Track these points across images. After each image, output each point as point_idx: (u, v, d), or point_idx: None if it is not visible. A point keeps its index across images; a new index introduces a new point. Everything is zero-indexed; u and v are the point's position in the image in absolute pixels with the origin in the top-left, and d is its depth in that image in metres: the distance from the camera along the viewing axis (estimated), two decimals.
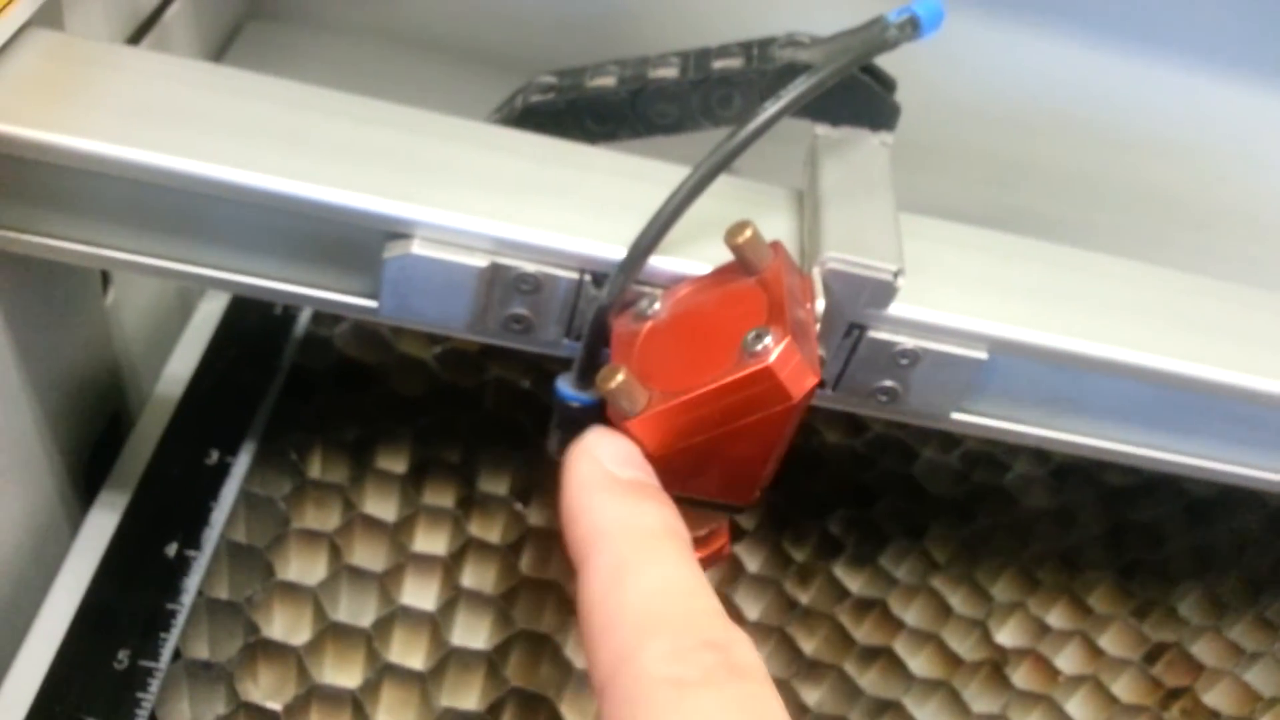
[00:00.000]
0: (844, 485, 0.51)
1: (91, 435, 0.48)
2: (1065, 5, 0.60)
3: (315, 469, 0.45)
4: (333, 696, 0.38)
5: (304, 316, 0.50)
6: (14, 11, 0.34)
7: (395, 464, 0.46)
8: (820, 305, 0.34)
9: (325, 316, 0.51)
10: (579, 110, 0.41)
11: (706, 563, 0.37)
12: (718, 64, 0.40)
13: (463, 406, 0.49)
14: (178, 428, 0.44)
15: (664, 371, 0.32)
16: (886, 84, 0.41)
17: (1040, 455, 0.55)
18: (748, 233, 0.33)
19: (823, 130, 0.40)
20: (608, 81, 0.41)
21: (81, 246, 0.35)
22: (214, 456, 0.43)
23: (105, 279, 0.47)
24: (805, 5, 0.46)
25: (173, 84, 0.36)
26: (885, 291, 0.35)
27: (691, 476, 0.34)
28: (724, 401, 0.31)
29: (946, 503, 0.52)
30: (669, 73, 0.41)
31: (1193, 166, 0.66)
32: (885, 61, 0.40)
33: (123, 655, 0.37)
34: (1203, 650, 0.50)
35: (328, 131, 0.36)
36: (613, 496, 0.31)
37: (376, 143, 0.36)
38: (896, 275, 0.35)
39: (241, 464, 0.43)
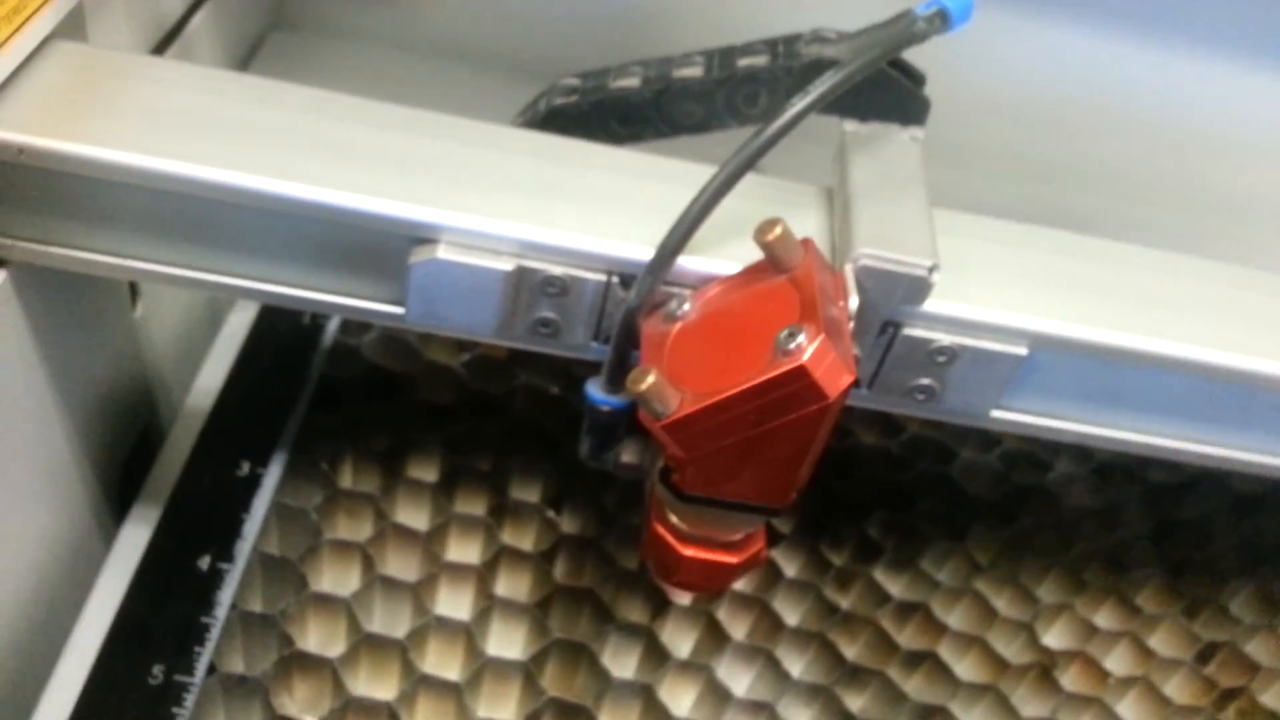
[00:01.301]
0: (881, 487, 0.50)
1: (123, 450, 0.48)
2: None
3: (346, 479, 0.45)
4: (368, 708, 0.38)
5: (332, 326, 0.50)
6: (37, 24, 0.34)
7: (426, 473, 0.46)
8: (854, 303, 0.34)
9: (353, 326, 0.51)
10: (604, 112, 0.41)
11: (743, 567, 0.36)
12: (743, 62, 0.40)
13: (492, 413, 0.49)
14: (208, 440, 0.44)
15: (695, 372, 0.32)
16: (916, 79, 0.40)
17: (1082, 454, 0.54)
18: (777, 230, 0.32)
19: (851, 126, 0.40)
20: (632, 82, 0.40)
21: (109, 258, 0.35)
22: (245, 468, 0.43)
23: (134, 292, 0.47)
24: (831, 2, 0.45)
25: (196, 93, 0.36)
26: (920, 287, 0.34)
27: (726, 479, 0.33)
28: (757, 402, 0.30)
29: (987, 504, 0.51)
30: (693, 72, 0.40)
31: (1229, 159, 0.64)
32: (914, 56, 0.39)
33: (157, 670, 0.36)
34: (1257, 649, 0.48)
35: (351, 138, 0.35)
36: None
37: (400, 148, 0.35)
38: (931, 271, 0.34)
39: (273, 475, 0.43)
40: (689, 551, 0.35)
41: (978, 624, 0.46)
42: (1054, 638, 0.47)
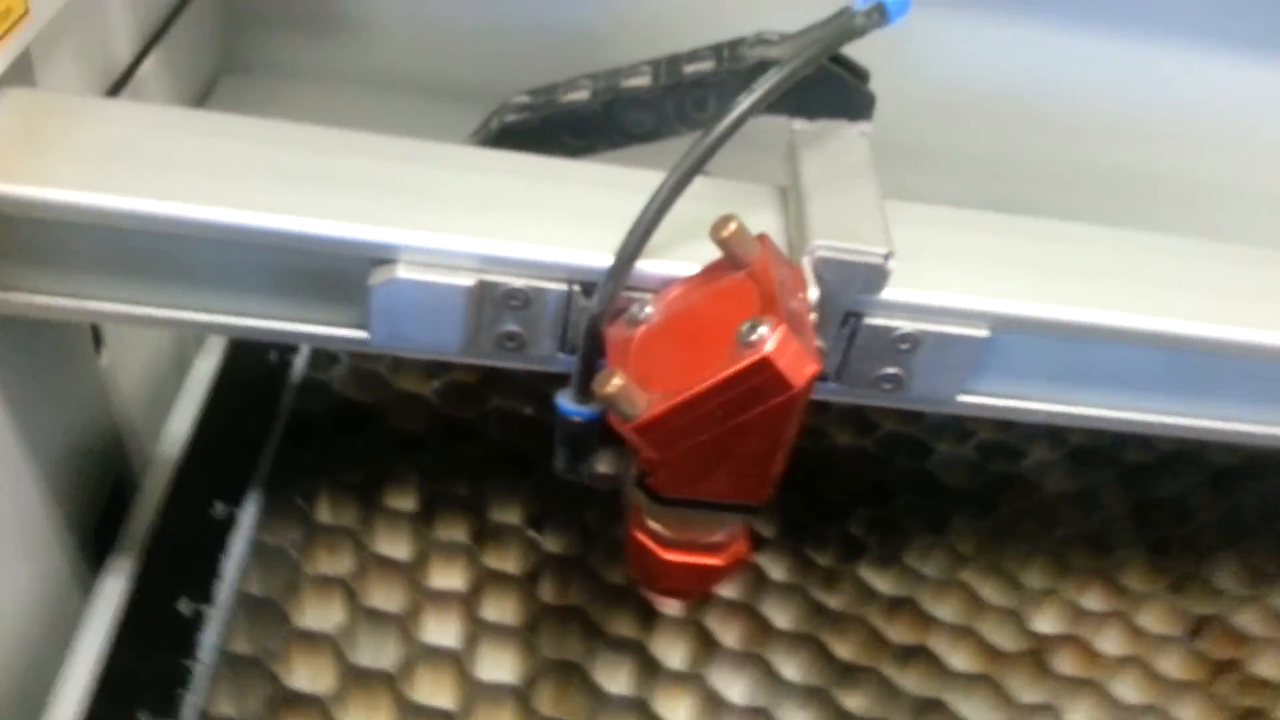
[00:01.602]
0: (860, 486, 0.50)
1: (96, 502, 0.47)
2: None
3: (324, 513, 0.44)
4: None
5: (300, 362, 0.50)
6: None
7: (404, 502, 0.45)
8: (813, 294, 0.34)
9: (321, 360, 0.50)
10: (555, 126, 0.41)
11: (727, 569, 0.36)
12: (689, 68, 0.40)
13: (467, 438, 0.49)
14: (181, 484, 0.44)
15: (662, 373, 0.32)
16: (860, 75, 0.40)
17: (1056, 439, 0.55)
18: (732, 226, 0.33)
19: (800, 125, 0.40)
20: (581, 95, 0.41)
21: (67, 301, 0.35)
22: (220, 509, 0.43)
23: (98, 340, 0.47)
24: (773, 8, 0.46)
25: (144, 129, 0.36)
26: (877, 276, 0.35)
27: (700, 478, 0.33)
28: (725, 396, 0.30)
29: (966, 495, 0.51)
30: (641, 81, 0.40)
31: (1173, 144, 0.65)
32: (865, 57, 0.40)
33: (142, 717, 0.36)
34: (1247, 621, 0.48)
35: (303, 164, 0.35)
36: None
37: (354, 172, 0.36)
38: (887, 258, 0.34)
39: (249, 514, 0.43)
40: (671, 556, 0.35)
41: (967, 614, 0.46)
42: (1044, 623, 0.47)
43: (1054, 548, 0.49)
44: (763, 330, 0.30)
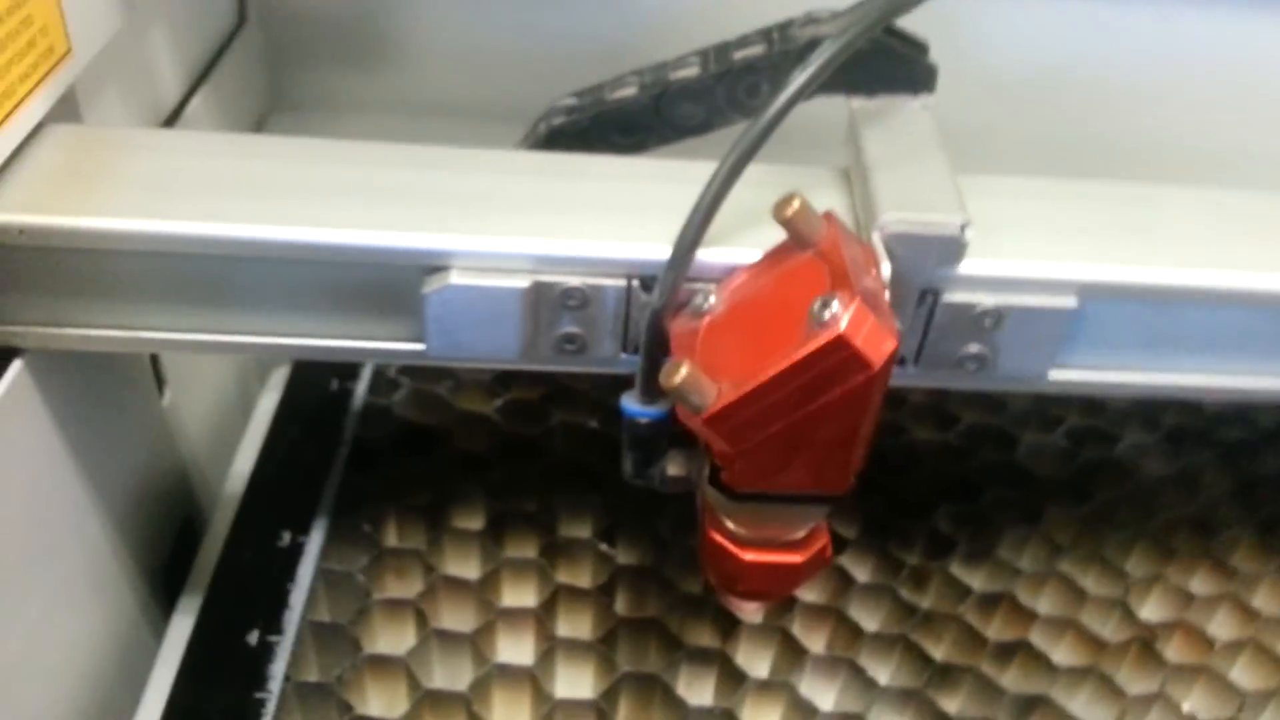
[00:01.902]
0: (945, 481, 0.48)
1: (165, 542, 0.47)
2: None
3: (391, 538, 0.44)
4: None
5: (361, 389, 0.49)
6: (28, 109, 0.34)
7: (471, 521, 0.44)
8: (886, 270, 0.32)
9: (382, 386, 0.50)
10: (604, 125, 0.40)
11: (809, 567, 0.34)
12: (738, 54, 0.39)
13: (532, 455, 0.48)
14: (246, 515, 0.43)
15: (731, 363, 0.30)
16: (918, 47, 0.39)
17: (1150, 421, 0.52)
18: (796, 204, 0.31)
19: (859, 103, 0.38)
20: (629, 91, 0.40)
21: (119, 333, 0.34)
22: (286, 539, 0.42)
23: (160, 379, 0.46)
24: None
25: (192, 156, 0.35)
26: (954, 248, 0.33)
27: (778, 469, 0.31)
28: (799, 380, 0.29)
29: (1059, 484, 0.49)
30: (690, 72, 0.39)
31: (1185, 111, 0.61)
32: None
33: None
34: None
35: (352, 179, 0.35)
36: None
37: (402, 183, 0.35)
38: (964, 228, 0.32)
39: (315, 542, 0.42)
40: (750, 556, 0.34)
41: (1068, 606, 0.44)
42: (1150, 610, 0.44)
43: (1155, 533, 0.47)
44: (835, 307, 0.28)
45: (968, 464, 0.49)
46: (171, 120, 0.48)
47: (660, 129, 0.40)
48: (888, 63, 0.38)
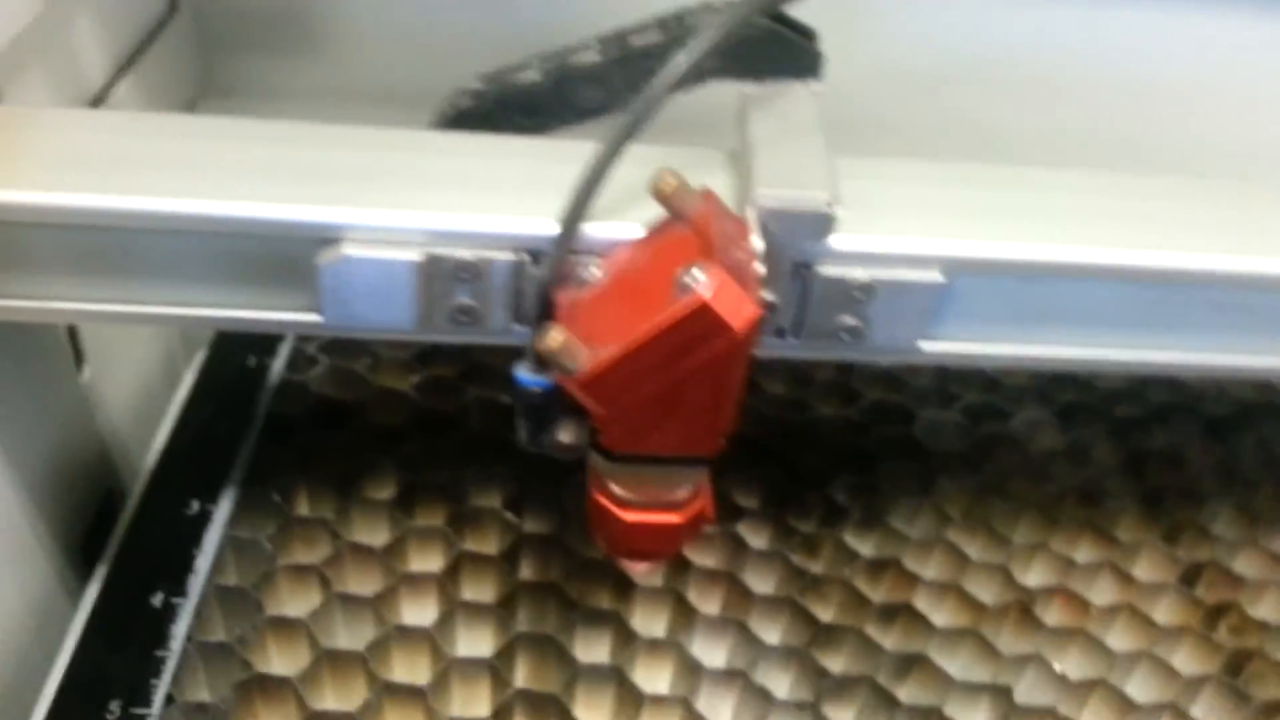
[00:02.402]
0: (844, 454, 0.50)
1: (85, 514, 0.48)
2: None
3: (303, 507, 0.45)
4: None
5: (278, 365, 0.50)
6: None
7: (382, 492, 0.46)
8: (757, 243, 0.34)
9: (301, 363, 0.51)
10: (507, 108, 0.41)
11: (690, 526, 0.36)
12: (636, 40, 0.40)
13: (446, 430, 0.49)
14: (157, 485, 0.44)
15: (607, 330, 0.32)
16: (806, 34, 0.40)
17: (1045, 397, 0.54)
18: (672, 181, 0.33)
19: (750, 89, 0.40)
20: (531, 75, 0.41)
21: (25, 303, 0.35)
22: (195, 507, 0.43)
23: (79, 356, 0.47)
24: None
25: (101, 134, 0.36)
26: (823, 222, 0.34)
27: (650, 431, 0.33)
28: (666, 345, 0.30)
29: (953, 457, 0.51)
30: (589, 57, 0.41)
31: (1123, 103, 0.63)
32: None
33: (114, 706, 0.36)
34: (1243, 565, 0.48)
35: (257, 156, 0.36)
36: None
37: (304, 159, 0.36)
38: (831, 204, 0.34)
39: (223, 511, 0.43)
40: (631, 517, 0.35)
41: (952, 572, 0.46)
42: (1032, 577, 0.46)
43: (1043, 503, 0.49)
44: (699, 275, 0.29)
45: (867, 437, 0.51)
46: (96, 104, 0.49)
47: (562, 112, 0.41)
48: (777, 50, 0.40)
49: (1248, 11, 0.59)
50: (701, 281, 0.29)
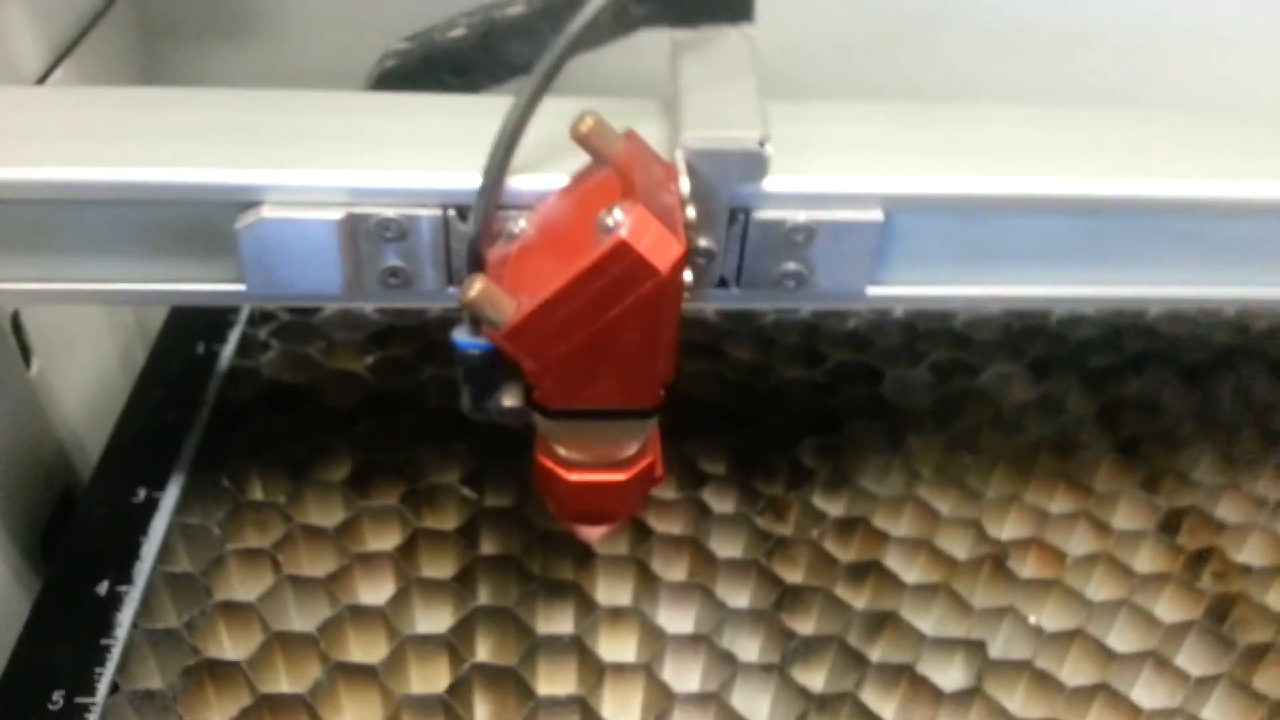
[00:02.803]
0: (810, 415, 0.49)
1: (41, 512, 0.47)
2: None
3: (256, 492, 0.44)
4: (283, 704, 0.36)
5: (228, 351, 0.49)
6: None
7: (335, 473, 0.45)
8: (684, 185, 0.33)
9: (252, 349, 0.50)
10: (435, 66, 0.40)
11: (636, 484, 0.35)
12: None
13: (401, 409, 0.48)
14: (103, 474, 0.43)
15: (534, 281, 0.31)
16: None
17: (1015, 350, 0.53)
18: (589, 121, 0.32)
19: (681, 34, 0.39)
20: (458, 32, 0.40)
21: None
22: (141, 494, 0.42)
23: (25, 351, 0.46)
24: None
25: (17, 109, 0.35)
26: (755, 163, 0.33)
27: (585, 384, 0.32)
28: (591, 289, 0.29)
29: (921, 413, 0.49)
30: (516, 10, 0.40)
31: (1080, 54, 0.62)
32: None
33: (57, 696, 0.35)
34: (1225, 510, 0.46)
35: (171, 120, 0.35)
36: None
37: (223, 123, 0.35)
38: (762, 143, 0.33)
39: (171, 498, 0.42)
40: (575, 477, 0.34)
41: (923, 529, 0.44)
42: (1006, 530, 0.45)
43: (1015, 456, 0.47)
44: (618, 215, 0.28)
45: (834, 399, 0.50)
46: None
47: (491, 68, 0.40)
48: None
49: None
50: (621, 221, 0.28)
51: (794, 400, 0.50)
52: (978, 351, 0.53)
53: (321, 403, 0.48)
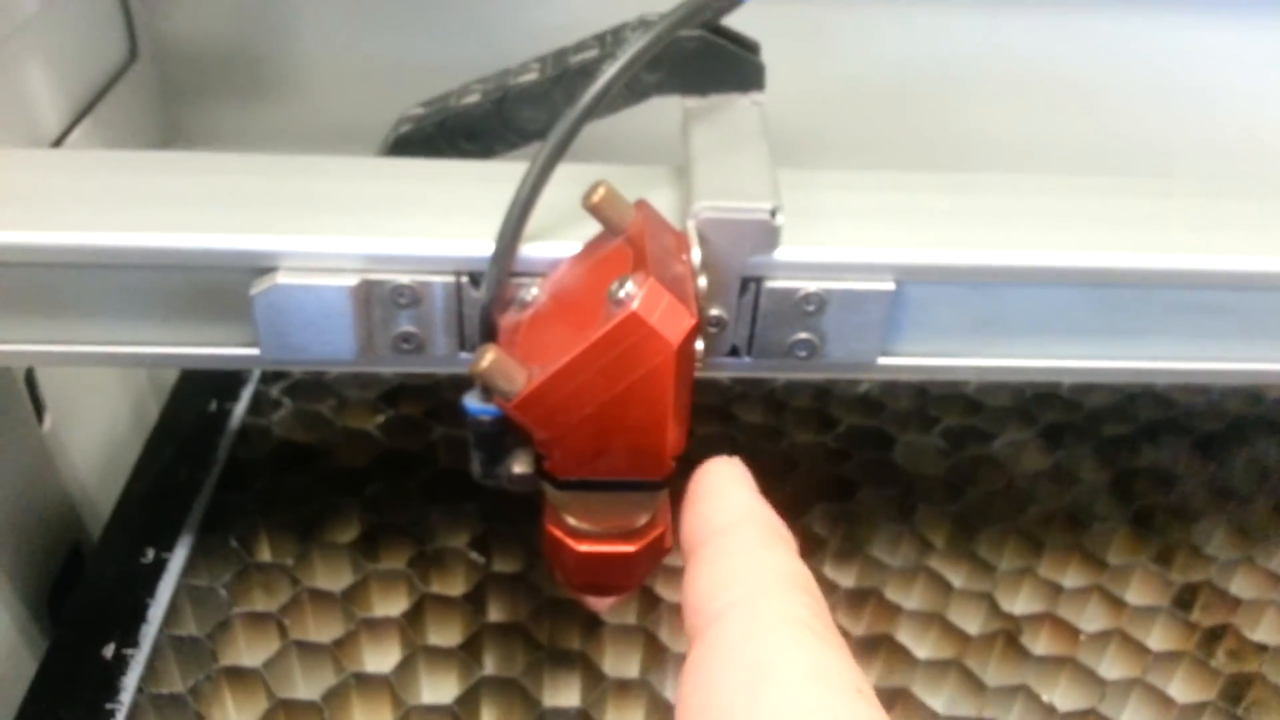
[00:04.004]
0: (820, 482, 0.49)
1: (50, 568, 0.47)
2: None
3: (264, 553, 0.44)
4: None
5: (240, 408, 0.49)
6: None
7: (344, 535, 0.44)
8: (696, 255, 0.33)
9: (264, 406, 0.50)
10: (450, 132, 0.41)
11: (645, 556, 0.34)
12: (574, 58, 0.40)
13: (413, 469, 0.48)
14: (112, 534, 0.43)
15: (545, 350, 0.31)
16: (747, 45, 0.40)
17: (1027, 418, 0.53)
18: (601, 191, 0.32)
19: (692, 102, 0.40)
20: (472, 98, 0.41)
21: None
22: (150, 555, 0.42)
23: (38, 406, 0.47)
24: None
25: (26, 171, 0.36)
26: (767, 233, 0.33)
27: (595, 456, 0.32)
28: (601, 361, 0.29)
29: (933, 481, 0.49)
30: (529, 77, 0.40)
31: (1090, 110, 0.62)
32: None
33: None
34: (1240, 586, 0.46)
35: (187, 186, 0.35)
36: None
37: (239, 189, 0.35)
38: (774, 213, 0.33)
39: (179, 559, 0.42)
40: (583, 547, 0.34)
41: (935, 602, 0.44)
42: (1018, 604, 0.44)
43: (1028, 527, 0.47)
44: (630, 287, 0.28)
45: (845, 464, 0.50)
46: None
47: (505, 134, 0.41)
48: (717, 62, 0.39)
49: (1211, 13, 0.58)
50: (632, 294, 0.28)
51: (805, 465, 0.50)
52: (990, 417, 0.52)
53: (331, 462, 0.48)
